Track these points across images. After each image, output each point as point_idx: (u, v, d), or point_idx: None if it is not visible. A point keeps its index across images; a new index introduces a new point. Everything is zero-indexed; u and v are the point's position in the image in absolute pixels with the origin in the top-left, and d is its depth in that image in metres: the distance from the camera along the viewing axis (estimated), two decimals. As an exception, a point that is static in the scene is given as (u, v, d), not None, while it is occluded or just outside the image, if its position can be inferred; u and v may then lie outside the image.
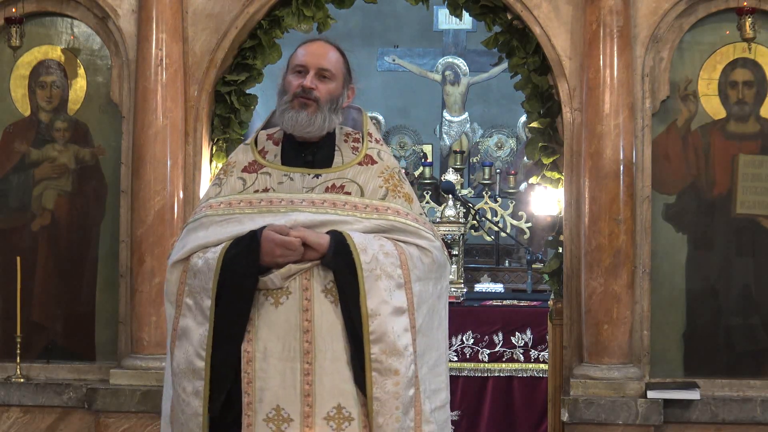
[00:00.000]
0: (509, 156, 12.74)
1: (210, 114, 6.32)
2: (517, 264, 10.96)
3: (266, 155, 3.51)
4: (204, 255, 3.37)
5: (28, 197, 6.38)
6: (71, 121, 6.39)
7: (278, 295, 3.29)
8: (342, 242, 3.30)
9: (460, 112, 12.68)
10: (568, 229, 6.04)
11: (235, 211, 3.41)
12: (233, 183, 3.47)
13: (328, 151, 3.50)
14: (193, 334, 3.34)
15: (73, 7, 6.33)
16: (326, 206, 3.38)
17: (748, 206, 6.01)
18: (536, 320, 7.70)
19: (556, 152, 6.16)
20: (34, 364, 6.30)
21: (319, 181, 3.43)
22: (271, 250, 3.26)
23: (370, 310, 3.27)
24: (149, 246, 6.05)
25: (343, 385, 3.27)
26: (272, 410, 3.25)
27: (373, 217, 3.39)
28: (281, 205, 3.38)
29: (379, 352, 3.26)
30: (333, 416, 3.25)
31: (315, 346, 3.26)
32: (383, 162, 3.52)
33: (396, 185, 3.49)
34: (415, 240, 3.42)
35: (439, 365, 3.48)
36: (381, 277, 3.30)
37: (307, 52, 3.49)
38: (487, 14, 6.19)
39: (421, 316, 3.39)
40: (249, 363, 3.27)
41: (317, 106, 3.42)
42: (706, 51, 6.04)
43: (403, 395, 3.29)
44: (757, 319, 6.00)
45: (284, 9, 6.25)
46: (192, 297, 3.38)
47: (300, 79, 3.45)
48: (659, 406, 5.75)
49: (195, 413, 3.31)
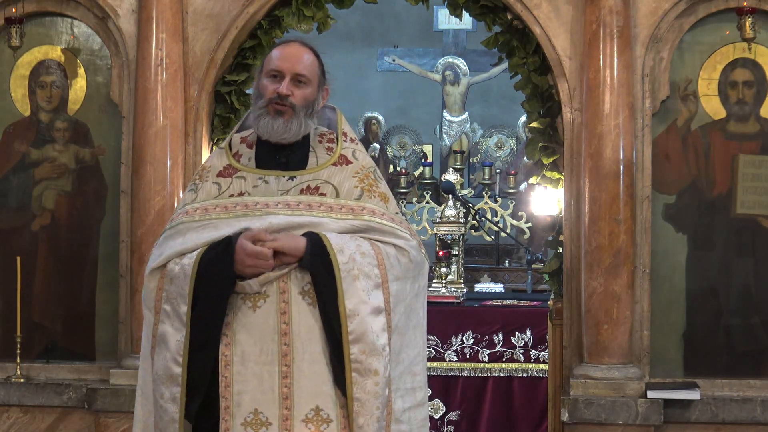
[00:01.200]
0: (509, 156, 12.75)
1: (210, 114, 6.32)
2: (517, 264, 10.96)
3: (240, 158, 3.50)
4: (180, 261, 3.35)
5: (28, 197, 6.38)
6: (71, 121, 6.39)
7: (256, 298, 3.28)
8: (318, 243, 3.29)
9: (460, 112, 12.69)
10: (568, 229, 6.04)
11: (212, 217, 3.40)
12: (208, 188, 3.46)
13: (303, 152, 3.48)
14: (171, 340, 3.33)
15: (73, 7, 6.33)
16: (301, 208, 3.37)
17: (748, 206, 6.01)
18: (536, 320, 7.69)
19: (556, 152, 6.16)
20: (34, 364, 6.30)
21: (294, 183, 3.42)
22: (243, 259, 3.26)
23: (349, 310, 3.26)
24: (149, 246, 6.02)
25: (322, 386, 3.26)
26: (250, 414, 3.24)
27: (349, 218, 3.39)
28: (256, 208, 3.37)
29: (358, 352, 3.25)
30: (311, 418, 3.24)
31: (293, 349, 3.25)
32: (358, 162, 3.51)
33: (371, 185, 3.48)
34: (392, 239, 3.42)
35: (416, 364, 3.47)
36: (359, 277, 3.30)
37: (282, 56, 3.45)
38: (487, 14, 6.19)
39: (398, 316, 3.38)
40: (227, 367, 3.26)
41: (293, 112, 3.40)
42: (706, 51, 6.04)
43: (382, 395, 3.28)
44: (757, 319, 6.00)
45: (284, 9, 6.25)
46: (169, 303, 3.37)
47: (275, 84, 3.42)
48: (659, 406, 5.75)
49: (171, 419, 3.30)
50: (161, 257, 3.41)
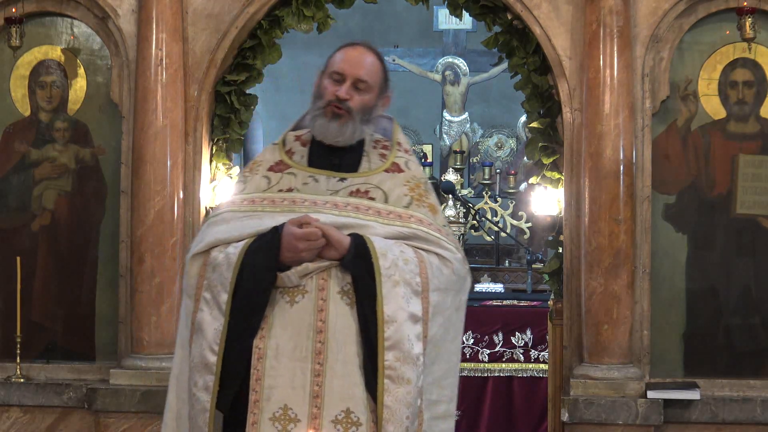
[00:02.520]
0: (509, 156, 12.74)
1: (210, 114, 6.32)
2: (517, 264, 10.96)
3: (293, 156, 3.48)
4: (225, 249, 3.33)
5: (28, 197, 6.38)
6: (71, 121, 6.39)
7: (294, 293, 3.25)
8: (362, 245, 3.27)
9: (460, 112, 12.68)
10: (568, 229, 6.04)
11: (257, 209, 3.38)
12: (258, 181, 3.45)
13: (356, 156, 3.47)
14: (208, 329, 3.29)
15: (73, 7, 6.33)
16: (349, 209, 3.35)
17: (748, 206, 6.01)
18: (536, 320, 7.70)
19: (556, 152, 6.16)
20: (34, 364, 6.30)
21: (344, 184, 3.40)
22: (293, 245, 3.23)
23: (387, 315, 3.23)
24: (149, 246, 6.05)
25: (353, 389, 3.23)
26: (279, 409, 3.21)
27: (396, 224, 3.36)
28: (304, 205, 3.36)
29: (393, 359, 3.22)
30: (341, 420, 3.21)
31: (327, 347, 3.23)
32: (410, 171, 3.49)
33: (421, 195, 3.46)
34: (437, 249, 3.39)
35: (446, 378, 3.43)
36: (399, 283, 3.27)
37: (346, 59, 3.43)
38: (487, 14, 6.19)
39: (435, 327, 3.34)
40: (260, 360, 3.24)
41: (349, 116, 3.39)
42: (706, 51, 6.04)
43: (413, 404, 3.25)
44: (757, 319, 6.00)
45: (284, 9, 6.25)
46: (210, 291, 3.33)
47: (336, 86, 3.40)
48: (659, 406, 5.75)
49: (203, 408, 3.27)
50: (203, 243, 3.39)
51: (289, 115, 14.52)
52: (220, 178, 6.37)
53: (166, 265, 6.06)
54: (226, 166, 6.39)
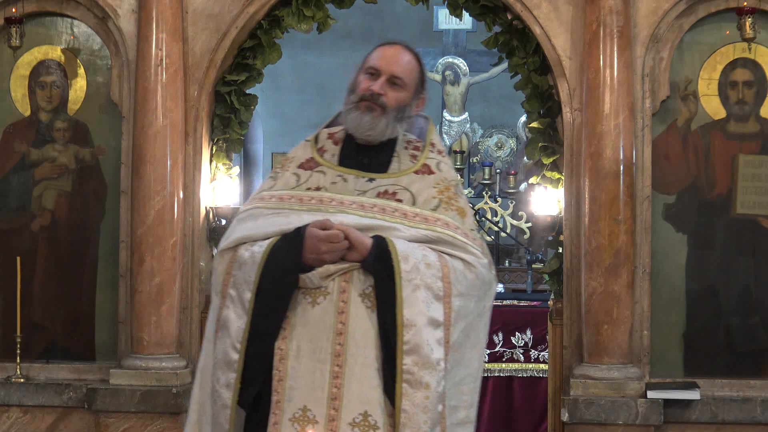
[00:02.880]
0: (509, 156, 12.74)
1: (210, 114, 6.32)
2: (517, 264, 10.96)
3: (324, 154, 3.47)
4: (251, 248, 3.33)
5: (28, 197, 6.38)
6: (71, 121, 6.39)
7: (316, 294, 3.25)
8: (384, 248, 3.26)
9: (460, 112, 12.67)
10: (568, 229, 6.04)
11: (284, 206, 3.38)
12: (287, 178, 3.45)
13: (387, 156, 3.45)
14: (232, 326, 3.29)
15: (73, 7, 6.33)
16: (375, 211, 3.34)
17: (748, 206, 6.01)
18: (536, 320, 7.69)
19: (556, 152, 6.16)
20: (34, 364, 6.30)
21: (373, 185, 3.39)
22: (315, 246, 3.23)
23: (406, 319, 3.21)
24: (149, 246, 6.05)
25: (372, 392, 3.22)
26: (299, 410, 3.21)
27: (421, 227, 3.34)
28: (330, 205, 3.35)
29: (411, 364, 3.20)
30: (358, 423, 3.20)
31: (346, 350, 3.22)
32: (441, 173, 3.46)
33: (450, 198, 3.43)
34: (461, 254, 3.36)
35: (464, 384, 3.41)
36: (420, 288, 3.25)
37: (382, 56, 3.42)
38: (487, 14, 6.19)
39: (457, 332, 3.33)
40: (281, 361, 3.24)
41: (382, 111, 3.37)
42: (706, 51, 6.05)
43: (432, 410, 3.23)
44: (757, 319, 6.00)
45: (284, 9, 6.25)
46: (235, 288, 3.33)
47: (370, 81, 3.39)
48: (659, 406, 5.75)
49: (224, 405, 3.28)
50: (230, 239, 3.40)
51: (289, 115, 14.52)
52: (220, 178, 6.37)
53: (166, 265, 6.06)
54: (226, 166, 6.39)
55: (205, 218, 6.32)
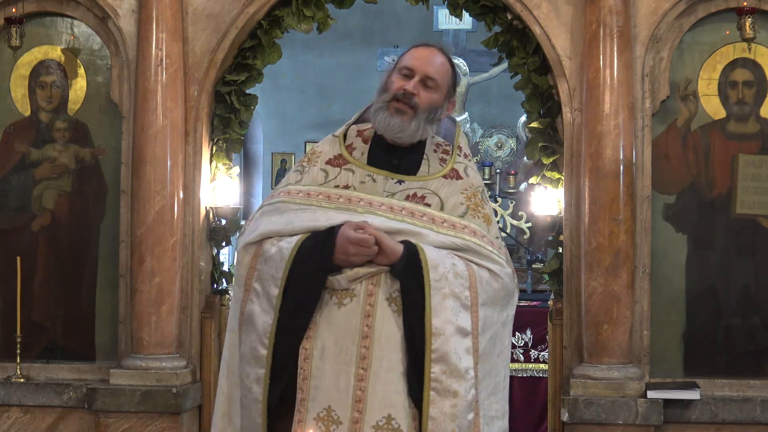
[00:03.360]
0: (509, 156, 12.73)
1: (210, 114, 6.32)
2: (517, 264, 10.92)
3: (353, 152, 3.44)
4: (278, 243, 3.31)
5: (28, 197, 6.38)
6: (71, 121, 6.39)
7: (342, 296, 3.24)
8: (414, 255, 3.25)
9: (460, 112, 12.66)
10: (568, 229, 6.04)
11: (312, 203, 3.35)
12: (315, 173, 3.42)
13: (416, 158, 3.43)
14: (258, 321, 3.29)
15: (73, 7, 6.33)
16: (404, 214, 3.32)
17: (748, 206, 6.01)
18: (536, 320, 7.69)
19: (556, 152, 6.16)
20: (34, 364, 6.30)
21: (402, 187, 3.37)
22: (345, 247, 3.21)
23: (435, 328, 3.20)
24: (149, 246, 6.05)
25: (396, 396, 3.21)
26: (323, 410, 3.21)
27: (450, 234, 3.33)
28: (359, 204, 3.33)
29: (439, 372, 3.20)
30: (382, 426, 3.20)
31: (372, 353, 3.21)
32: (468, 179, 3.45)
33: (477, 204, 3.43)
34: (488, 264, 3.36)
35: (496, 393, 3.41)
36: (448, 296, 3.24)
37: (417, 56, 3.39)
38: (487, 14, 6.19)
39: (484, 341, 3.33)
40: (306, 360, 3.23)
41: (414, 113, 3.35)
42: (706, 51, 6.05)
43: (460, 418, 3.23)
44: (757, 319, 6.00)
45: (284, 9, 6.25)
46: (260, 283, 3.32)
47: (404, 81, 3.35)
48: (659, 406, 5.75)
49: (255, 399, 3.28)
50: (255, 233, 3.37)
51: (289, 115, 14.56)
52: (220, 178, 6.37)
53: (166, 265, 6.06)
54: (226, 166, 6.40)
55: (205, 218, 6.32)
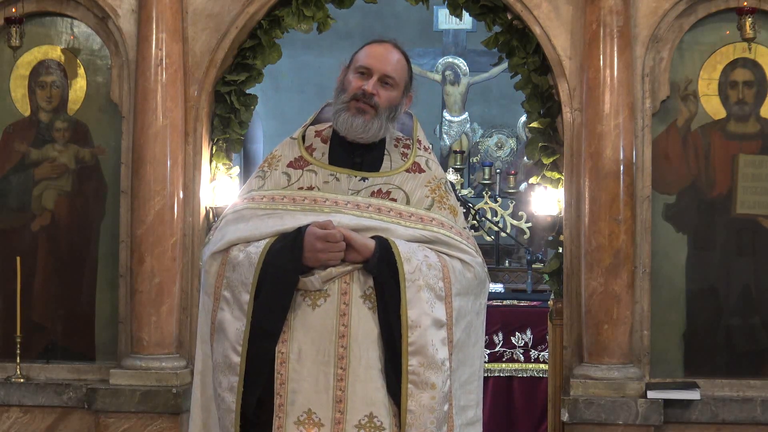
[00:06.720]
0: (509, 156, 12.74)
1: (210, 114, 6.32)
2: (517, 264, 10.96)
3: (313, 152, 3.42)
4: (245, 248, 3.28)
5: (28, 197, 6.38)
6: (71, 121, 6.39)
7: (316, 297, 3.22)
8: (387, 249, 3.24)
9: (460, 112, 12.67)
10: (568, 229, 6.04)
11: (278, 207, 3.32)
12: (277, 177, 3.39)
13: (378, 154, 3.42)
14: (229, 328, 3.26)
15: (73, 7, 6.33)
16: (371, 211, 3.31)
17: (748, 206, 6.01)
18: (536, 320, 7.70)
19: (556, 152, 6.16)
20: (34, 364, 6.30)
21: (366, 184, 3.35)
22: (312, 244, 3.19)
23: (411, 320, 3.19)
24: (149, 246, 6.05)
25: (376, 393, 3.20)
26: (303, 413, 3.20)
27: (418, 227, 3.33)
28: (325, 204, 3.31)
29: (417, 365, 3.20)
30: (364, 425, 3.19)
31: (350, 352, 3.20)
32: (431, 171, 3.45)
33: (442, 196, 3.43)
34: (458, 254, 3.36)
35: (470, 382, 3.42)
36: (423, 288, 3.24)
37: (373, 54, 3.37)
38: (487, 14, 6.19)
39: (459, 331, 3.32)
40: (282, 364, 3.21)
41: (375, 112, 3.34)
42: (706, 51, 6.05)
43: (438, 410, 3.23)
44: (757, 319, 6.01)
45: (284, 9, 6.25)
46: (230, 290, 3.29)
47: (362, 81, 3.33)
48: (659, 406, 5.75)
49: (228, 408, 3.25)
50: (222, 241, 3.34)
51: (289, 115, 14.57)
52: (220, 178, 6.37)
53: (166, 265, 6.06)
54: (226, 166, 6.39)
55: (205, 218, 6.32)
